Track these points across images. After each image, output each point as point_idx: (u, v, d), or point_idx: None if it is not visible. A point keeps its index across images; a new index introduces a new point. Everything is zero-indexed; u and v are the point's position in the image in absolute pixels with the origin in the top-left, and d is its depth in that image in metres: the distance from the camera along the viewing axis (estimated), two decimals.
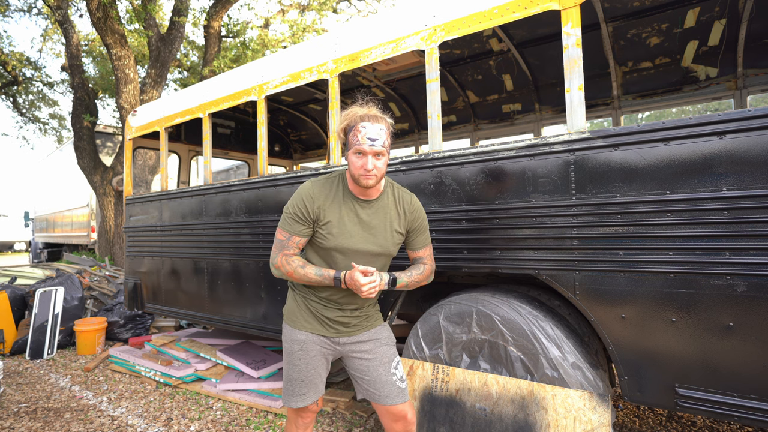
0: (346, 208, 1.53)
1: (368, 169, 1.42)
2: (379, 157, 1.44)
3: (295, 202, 1.52)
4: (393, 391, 1.59)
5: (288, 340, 1.60)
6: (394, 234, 1.57)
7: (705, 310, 1.51)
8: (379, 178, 1.46)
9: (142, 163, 7.56)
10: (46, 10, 10.38)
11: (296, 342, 1.58)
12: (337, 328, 1.59)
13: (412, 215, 1.60)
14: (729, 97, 3.13)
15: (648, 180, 1.59)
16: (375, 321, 1.68)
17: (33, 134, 39.16)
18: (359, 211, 1.53)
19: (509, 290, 2.07)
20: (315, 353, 1.58)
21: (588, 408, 1.65)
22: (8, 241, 22.46)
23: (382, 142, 1.44)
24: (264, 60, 2.93)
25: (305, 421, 1.66)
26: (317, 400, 1.62)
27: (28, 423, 2.79)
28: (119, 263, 7.80)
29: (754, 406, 1.45)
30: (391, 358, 1.63)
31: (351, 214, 1.53)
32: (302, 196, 1.52)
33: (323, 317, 1.58)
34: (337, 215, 1.52)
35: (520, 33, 3.19)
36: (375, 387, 1.59)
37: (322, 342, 1.59)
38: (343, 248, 1.51)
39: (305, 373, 1.58)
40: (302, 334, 1.58)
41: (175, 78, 11.90)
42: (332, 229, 1.51)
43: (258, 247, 2.90)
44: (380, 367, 1.60)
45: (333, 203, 1.52)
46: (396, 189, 1.62)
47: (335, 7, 10.96)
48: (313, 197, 1.51)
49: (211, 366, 3.43)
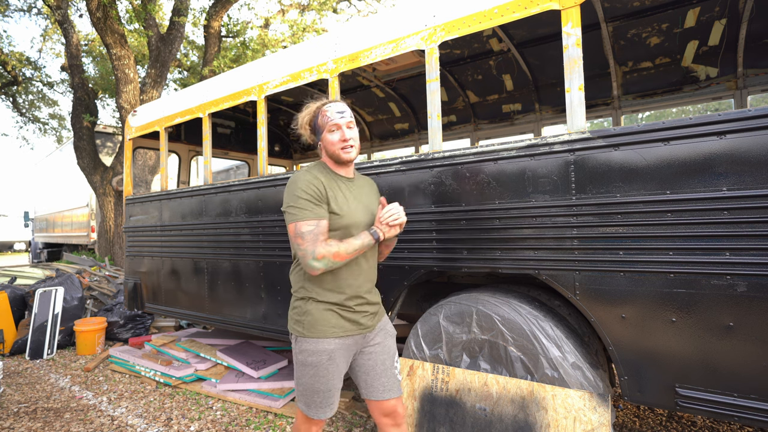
0: (339, 186, 1.55)
1: (346, 138, 1.49)
2: (351, 127, 1.52)
3: (307, 188, 1.44)
4: (394, 384, 1.59)
5: (313, 353, 1.47)
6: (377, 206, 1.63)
7: (705, 310, 1.51)
8: (357, 149, 1.53)
9: (142, 163, 7.55)
10: (46, 10, 10.39)
11: (324, 353, 1.46)
12: (363, 323, 1.54)
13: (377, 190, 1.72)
14: (729, 97, 3.13)
15: (648, 180, 1.59)
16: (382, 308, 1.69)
17: (33, 134, 39.21)
18: (350, 187, 1.58)
19: (509, 290, 2.07)
20: (341, 360, 1.50)
21: (588, 408, 1.65)
22: (8, 241, 22.46)
23: (350, 113, 1.52)
24: (264, 60, 2.93)
25: (318, 428, 1.60)
26: None
27: (28, 423, 2.79)
28: (119, 263, 7.80)
29: (754, 406, 1.45)
30: (394, 352, 1.64)
31: (346, 192, 1.56)
32: (309, 181, 1.46)
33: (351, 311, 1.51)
34: (338, 193, 1.53)
35: (520, 33, 3.19)
36: (378, 380, 1.57)
37: (350, 345, 1.53)
38: (354, 223, 1.51)
39: (333, 384, 1.49)
40: (331, 343, 1.47)
41: (175, 78, 11.90)
42: (342, 206, 1.49)
43: (258, 247, 2.90)
44: (387, 361, 1.60)
45: (331, 181, 1.54)
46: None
47: (335, 7, 10.96)
48: (318, 178, 1.48)
49: (211, 366, 3.43)
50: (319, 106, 1.54)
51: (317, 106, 1.55)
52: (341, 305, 1.49)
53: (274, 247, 2.79)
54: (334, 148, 1.50)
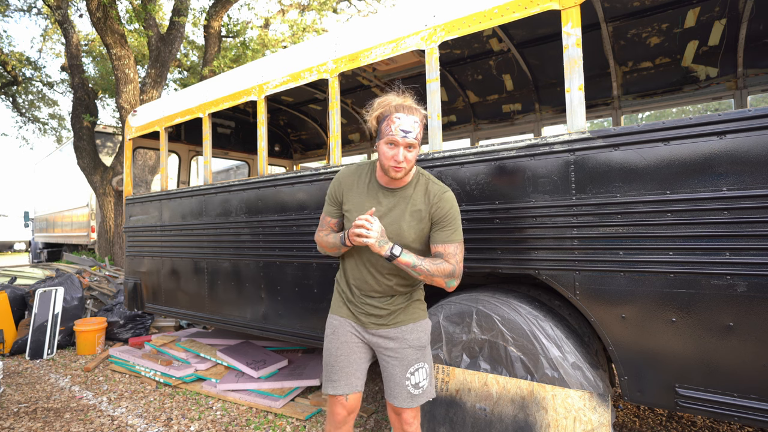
0: (369, 195, 1.57)
1: (398, 160, 1.43)
2: (410, 149, 1.44)
3: (330, 187, 1.65)
4: (402, 394, 1.58)
5: (327, 325, 1.68)
6: (413, 224, 1.53)
7: (705, 310, 1.51)
8: (407, 170, 1.47)
9: (142, 163, 7.55)
10: (46, 10, 10.39)
11: (330, 326, 1.66)
12: (361, 319, 1.62)
13: (437, 206, 1.52)
14: (729, 97, 3.13)
15: (648, 180, 1.59)
16: (408, 316, 1.62)
17: (33, 134, 39.23)
18: (381, 199, 1.56)
19: (509, 290, 2.07)
20: (346, 338, 1.62)
21: (588, 408, 1.65)
22: (8, 241, 22.45)
23: (415, 134, 1.43)
24: (264, 60, 2.93)
25: (337, 419, 1.59)
26: (349, 394, 1.58)
27: (28, 423, 2.79)
28: (119, 263, 7.80)
29: (754, 406, 1.45)
30: (411, 363, 1.59)
31: (373, 201, 1.56)
32: (333, 181, 1.65)
33: (352, 304, 1.64)
34: (357, 201, 1.57)
35: (520, 33, 3.19)
36: (388, 384, 1.62)
37: (354, 328, 1.63)
38: None
39: (335, 358, 1.60)
40: (336, 319, 1.65)
41: (175, 78, 11.90)
42: (353, 214, 1.56)
43: (258, 247, 2.90)
44: (397, 369, 1.59)
45: (357, 189, 1.59)
46: (428, 179, 1.59)
47: (335, 7, 10.96)
48: (341, 181, 1.62)
49: (211, 366, 3.43)
50: (392, 110, 1.44)
51: (393, 107, 1.44)
52: (348, 290, 1.65)
53: (274, 247, 2.79)
54: (386, 162, 1.45)
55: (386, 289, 1.58)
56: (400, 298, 1.61)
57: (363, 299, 1.61)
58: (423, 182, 1.58)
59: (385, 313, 1.59)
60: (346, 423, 1.61)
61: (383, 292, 1.59)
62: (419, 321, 1.64)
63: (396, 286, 1.59)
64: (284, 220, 2.72)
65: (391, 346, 1.60)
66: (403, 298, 1.62)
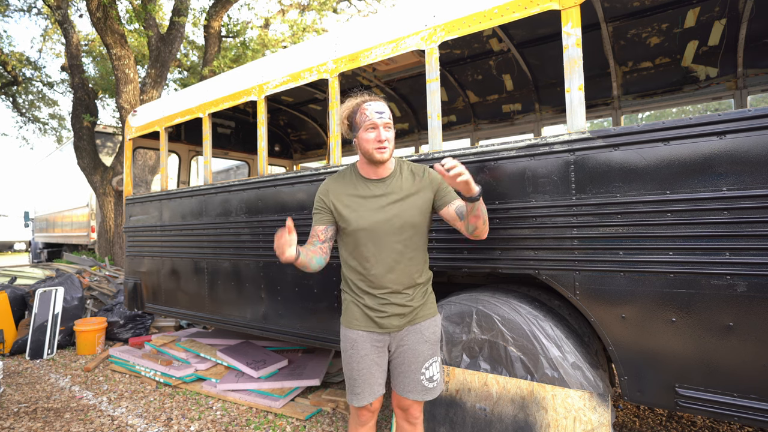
0: (357, 192, 1.59)
1: (381, 139, 1.49)
2: (388, 129, 1.51)
3: (316, 198, 1.66)
4: (417, 388, 1.59)
5: (342, 340, 1.64)
6: (414, 203, 1.56)
7: (705, 310, 1.51)
8: (391, 150, 1.53)
9: (142, 163, 7.55)
10: (46, 10, 10.38)
11: (348, 340, 1.61)
12: (383, 323, 1.56)
13: (429, 177, 1.60)
14: (729, 97, 3.13)
15: (648, 180, 1.59)
16: (426, 311, 1.63)
17: (33, 134, 39.27)
18: (373, 191, 1.58)
19: (509, 290, 2.07)
20: (366, 352, 1.58)
21: (588, 408, 1.65)
22: (8, 241, 22.45)
23: (389, 114, 1.52)
24: (264, 60, 2.93)
25: (362, 420, 1.64)
26: (373, 401, 1.60)
27: (28, 423, 2.79)
28: (119, 263, 7.80)
29: (754, 406, 1.45)
30: (427, 357, 1.61)
31: (365, 192, 1.58)
32: (320, 191, 1.65)
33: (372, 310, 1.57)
34: (349, 200, 1.58)
35: (520, 33, 3.19)
36: (401, 378, 1.61)
37: (373, 339, 1.58)
38: (364, 229, 1.54)
39: (357, 372, 1.58)
40: (354, 333, 1.60)
41: (175, 78, 11.90)
42: (349, 214, 1.56)
43: (258, 247, 2.90)
44: (413, 363, 1.59)
45: (346, 189, 1.61)
46: (408, 164, 1.65)
47: (335, 7, 10.96)
48: (328, 189, 1.63)
49: (211, 366, 3.43)
50: (359, 103, 1.54)
51: (357, 102, 1.55)
52: (363, 301, 1.59)
53: None
54: (368, 146, 1.51)
55: (407, 279, 1.57)
56: (419, 291, 1.62)
57: (385, 299, 1.56)
58: (406, 168, 1.64)
59: (408, 311, 1.58)
60: (370, 421, 1.66)
61: (405, 284, 1.57)
62: (435, 316, 1.67)
63: (414, 274, 1.59)
64: (284, 220, 2.73)
65: (408, 342, 1.60)
66: (421, 293, 1.62)
